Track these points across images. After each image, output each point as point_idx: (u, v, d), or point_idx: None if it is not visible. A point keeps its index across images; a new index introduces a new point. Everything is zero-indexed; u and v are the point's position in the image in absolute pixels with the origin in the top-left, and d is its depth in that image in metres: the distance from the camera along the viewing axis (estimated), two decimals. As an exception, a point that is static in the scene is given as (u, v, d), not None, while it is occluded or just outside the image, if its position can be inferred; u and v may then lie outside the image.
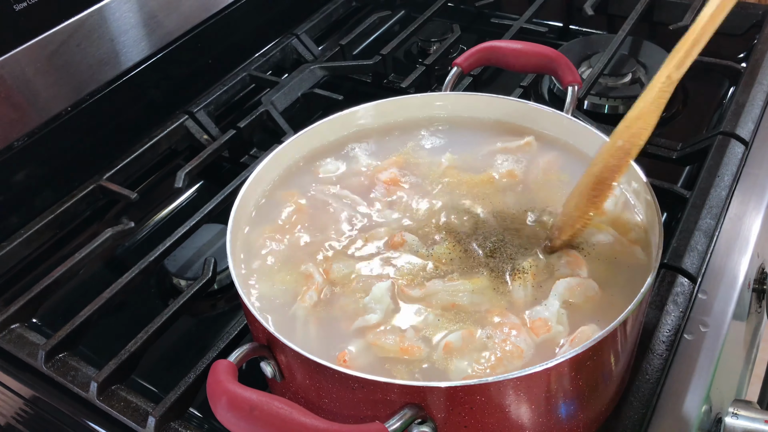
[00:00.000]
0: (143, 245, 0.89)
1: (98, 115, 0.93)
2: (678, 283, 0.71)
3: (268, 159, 0.68)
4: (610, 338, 0.51)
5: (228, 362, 0.48)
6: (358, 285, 0.59)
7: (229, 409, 0.44)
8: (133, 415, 0.66)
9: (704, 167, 0.83)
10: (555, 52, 0.72)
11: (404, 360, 0.54)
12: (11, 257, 0.84)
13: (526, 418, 0.52)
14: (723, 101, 1.01)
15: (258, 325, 0.52)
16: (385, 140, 0.74)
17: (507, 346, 0.53)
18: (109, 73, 0.93)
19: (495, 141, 0.72)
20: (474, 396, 0.48)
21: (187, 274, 0.81)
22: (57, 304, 0.81)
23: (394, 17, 1.24)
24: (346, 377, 0.48)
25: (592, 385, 0.54)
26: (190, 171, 0.91)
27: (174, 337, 0.76)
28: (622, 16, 1.13)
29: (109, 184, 0.90)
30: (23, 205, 0.88)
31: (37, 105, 0.85)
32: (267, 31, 1.15)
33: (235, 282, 0.56)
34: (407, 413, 0.47)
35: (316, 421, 0.43)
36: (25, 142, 0.86)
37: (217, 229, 0.85)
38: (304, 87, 1.05)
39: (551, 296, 0.57)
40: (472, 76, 1.01)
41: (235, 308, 0.81)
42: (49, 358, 0.71)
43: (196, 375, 0.67)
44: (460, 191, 0.68)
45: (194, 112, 1.00)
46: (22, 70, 0.82)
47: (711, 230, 0.76)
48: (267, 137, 1.00)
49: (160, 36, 0.98)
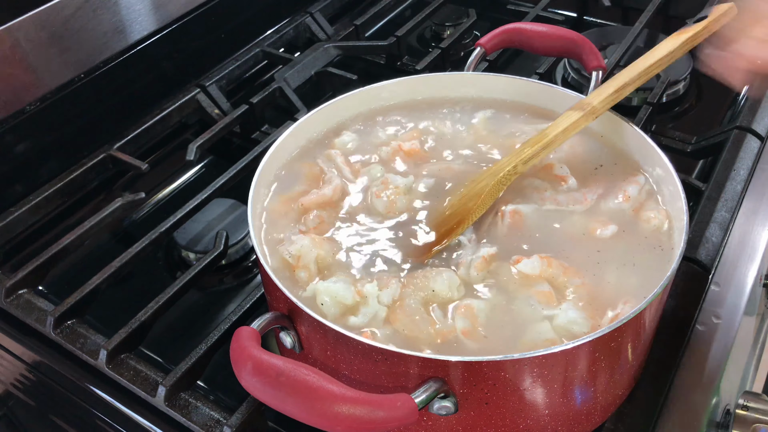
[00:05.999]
0: (150, 217, 0.89)
1: (111, 84, 0.92)
2: (692, 273, 0.71)
3: (292, 128, 0.68)
4: (634, 321, 0.50)
5: (251, 329, 0.48)
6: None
7: (254, 374, 0.43)
8: (143, 385, 0.65)
9: (720, 161, 0.83)
10: (580, 36, 0.72)
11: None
12: (19, 223, 0.83)
13: (546, 398, 0.52)
14: (737, 96, 1.01)
15: (280, 294, 0.52)
16: (411, 115, 0.74)
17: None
18: (123, 42, 0.92)
19: (523, 122, 0.72)
20: (498, 372, 0.48)
21: (196, 248, 0.80)
22: (63, 272, 0.80)
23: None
24: (370, 349, 0.48)
25: (613, 368, 0.54)
26: (201, 144, 0.90)
27: (178, 310, 0.75)
28: (636, 8, 1.12)
29: (120, 154, 0.89)
30: (33, 171, 0.87)
31: (50, 70, 0.84)
32: (281, 7, 1.14)
33: (257, 250, 0.55)
34: (431, 386, 0.47)
35: (344, 389, 0.43)
36: (38, 107, 0.84)
37: (227, 203, 0.85)
38: (317, 65, 1.04)
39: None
40: (487, 60, 1.00)
41: (243, 284, 0.80)
42: (57, 324, 0.70)
43: (208, 346, 0.66)
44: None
45: (206, 86, 0.99)
46: (38, 33, 0.81)
47: (726, 223, 0.76)
48: (279, 114, 0.99)
49: (176, 7, 0.97)
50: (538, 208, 0.64)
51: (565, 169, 0.67)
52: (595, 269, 0.58)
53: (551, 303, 0.55)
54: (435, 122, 0.73)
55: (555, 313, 0.55)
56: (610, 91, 0.65)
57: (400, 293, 0.56)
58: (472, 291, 0.57)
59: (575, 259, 0.59)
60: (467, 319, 0.53)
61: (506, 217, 0.62)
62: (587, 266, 0.59)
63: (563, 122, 0.64)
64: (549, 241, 0.61)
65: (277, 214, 0.65)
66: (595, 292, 0.57)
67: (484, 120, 0.72)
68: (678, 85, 0.99)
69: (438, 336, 0.53)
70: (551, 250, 0.60)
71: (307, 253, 0.58)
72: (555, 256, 0.59)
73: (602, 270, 0.58)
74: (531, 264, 0.57)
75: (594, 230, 0.61)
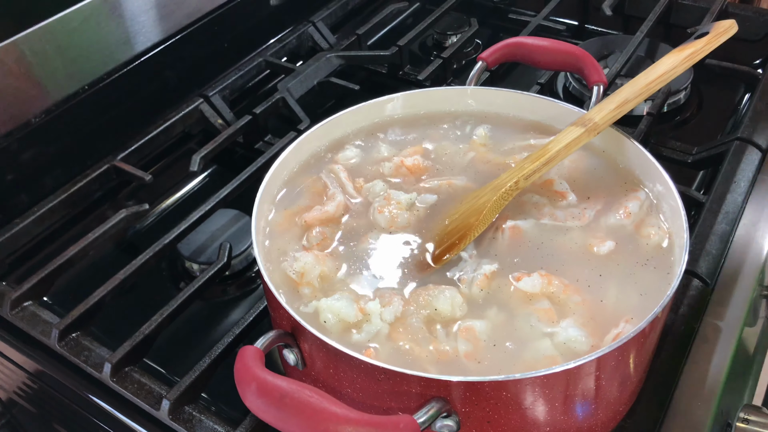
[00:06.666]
0: (153, 228, 0.89)
1: (114, 95, 0.93)
2: (692, 286, 0.71)
3: (294, 145, 0.68)
4: (635, 339, 0.51)
5: (255, 348, 0.48)
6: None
7: (259, 395, 0.44)
8: (147, 398, 0.66)
9: (720, 172, 0.83)
10: (582, 50, 0.72)
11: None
12: (24, 234, 0.83)
13: (548, 416, 0.52)
14: (738, 107, 1.01)
15: (283, 312, 0.52)
16: (412, 130, 0.75)
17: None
18: (127, 53, 0.92)
19: (525, 137, 0.73)
20: (500, 392, 0.48)
21: (200, 258, 0.80)
22: (67, 283, 0.81)
23: (410, 8, 1.24)
24: (372, 368, 0.48)
25: (614, 385, 0.54)
26: (205, 155, 0.90)
27: (181, 320, 0.75)
28: (638, 17, 1.13)
29: (123, 164, 0.90)
30: (38, 183, 0.87)
31: (56, 82, 0.85)
32: (283, 17, 1.15)
33: (262, 271, 0.56)
34: (434, 406, 0.47)
35: (347, 411, 0.43)
36: (43, 119, 0.85)
37: (231, 214, 0.85)
38: (320, 75, 1.04)
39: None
40: (489, 71, 1.01)
41: (245, 294, 0.81)
42: (62, 337, 0.70)
43: (212, 359, 0.67)
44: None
45: (209, 96, 1.00)
46: (43, 47, 0.82)
47: (726, 235, 0.77)
48: (282, 124, 0.99)
49: (179, 18, 0.98)
50: (537, 224, 0.64)
51: (564, 185, 0.67)
52: (595, 286, 0.59)
53: (552, 320, 0.56)
54: (436, 137, 0.74)
55: (555, 331, 0.55)
56: (612, 108, 0.65)
57: (403, 311, 0.56)
58: (473, 308, 0.57)
59: (575, 275, 0.59)
60: (469, 342, 0.54)
61: (506, 232, 0.63)
62: (587, 283, 0.59)
63: (565, 138, 0.64)
64: (549, 258, 0.61)
65: (280, 228, 0.65)
66: (595, 309, 0.57)
67: (485, 135, 0.73)
68: (679, 95, 0.99)
69: (440, 354, 0.53)
70: (551, 266, 0.60)
71: (310, 270, 0.59)
72: (555, 272, 0.59)
73: (602, 287, 0.59)
74: (531, 282, 0.57)
75: (592, 246, 0.62)
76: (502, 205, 0.63)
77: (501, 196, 0.62)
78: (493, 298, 0.58)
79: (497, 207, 0.63)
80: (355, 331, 0.55)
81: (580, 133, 0.64)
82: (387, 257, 0.62)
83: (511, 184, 0.63)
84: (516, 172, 0.63)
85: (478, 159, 0.71)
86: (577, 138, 0.64)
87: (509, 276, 0.59)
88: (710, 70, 1.01)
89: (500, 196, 0.62)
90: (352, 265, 0.61)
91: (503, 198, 0.63)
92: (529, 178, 0.63)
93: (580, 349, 0.54)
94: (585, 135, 0.64)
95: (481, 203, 0.63)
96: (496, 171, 0.69)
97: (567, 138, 0.64)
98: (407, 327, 0.55)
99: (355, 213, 0.66)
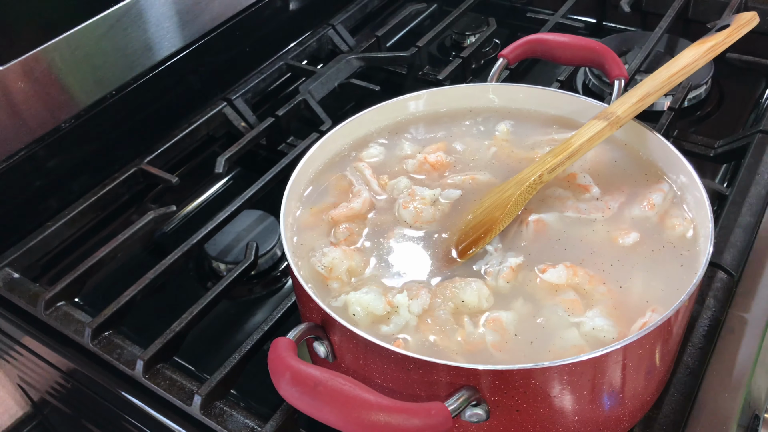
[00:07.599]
0: (180, 229, 0.91)
1: (140, 100, 0.95)
2: (718, 278, 0.71)
3: (319, 143, 0.69)
4: (661, 328, 0.51)
5: (288, 339, 0.49)
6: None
7: (293, 384, 0.45)
8: (179, 394, 0.67)
9: (743, 165, 0.83)
10: (602, 45, 0.73)
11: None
12: (55, 237, 0.85)
13: (576, 405, 0.53)
14: (759, 100, 1.01)
15: (314, 305, 0.53)
16: (435, 127, 0.76)
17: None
18: (152, 59, 0.94)
19: (547, 131, 0.73)
20: (528, 380, 0.49)
21: (227, 258, 0.82)
22: (98, 284, 0.82)
23: (428, 10, 1.25)
24: (403, 358, 0.49)
25: (641, 374, 0.55)
26: (229, 157, 0.92)
27: (209, 319, 0.77)
28: (656, 13, 1.13)
29: (150, 167, 0.92)
30: (67, 186, 0.89)
31: (84, 88, 0.87)
32: (303, 21, 1.16)
33: (291, 264, 0.57)
34: (463, 395, 0.48)
35: (379, 398, 0.44)
36: (72, 125, 0.87)
37: (256, 215, 0.86)
38: (341, 77, 1.05)
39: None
40: (509, 69, 1.01)
41: (270, 293, 0.82)
42: (95, 335, 0.72)
43: (241, 355, 0.68)
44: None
45: (232, 100, 1.02)
46: (72, 53, 0.84)
47: (751, 227, 0.77)
48: (304, 126, 1.01)
49: (202, 23, 0.99)
50: (561, 217, 0.65)
51: (588, 178, 0.67)
52: (620, 277, 0.59)
53: (578, 311, 0.56)
54: (459, 134, 0.74)
55: (582, 321, 0.55)
56: (634, 101, 0.65)
57: (430, 303, 0.57)
58: (500, 300, 0.58)
59: (600, 266, 0.60)
60: (496, 332, 0.54)
61: (530, 226, 0.63)
62: (612, 274, 0.59)
63: (587, 132, 0.65)
64: (574, 250, 0.62)
65: (307, 225, 0.66)
66: (620, 299, 0.57)
67: (507, 130, 0.73)
68: (699, 89, 0.99)
69: (468, 345, 0.54)
70: (576, 258, 0.61)
71: (338, 264, 0.60)
72: (580, 264, 0.60)
73: (628, 278, 0.59)
74: (557, 273, 0.58)
75: (616, 238, 0.62)
76: (527, 199, 0.64)
77: (525, 189, 0.63)
78: (519, 289, 0.59)
79: (522, 201, 0.63)
80: (384, 325, 0.56)
81: (602, 127, 0.64)
82: (413, 252, 0.63)
83: (534, 178, 0.63)
84: (539, 166, 0.64)
85: (501, 154, 0.72)
86: (599, 131, 0.64)
87: (535, 268, 0.60)
88: (731, 63, 1.01)
89: (524, 190, 0.63)
90: (379, 260, 0.62)
91: (527, 192, 0.63)
92: (552, 171, 0.64)
93: (607, 338, 0.54)
94: (607, 128, 0.65)
95: (505, 197, 0.63)
96: (519, 165, 0.69)
97: (590, 132, 0.65)
98: (435, 319, 0.56)
99: (380, 209, 0.67)
